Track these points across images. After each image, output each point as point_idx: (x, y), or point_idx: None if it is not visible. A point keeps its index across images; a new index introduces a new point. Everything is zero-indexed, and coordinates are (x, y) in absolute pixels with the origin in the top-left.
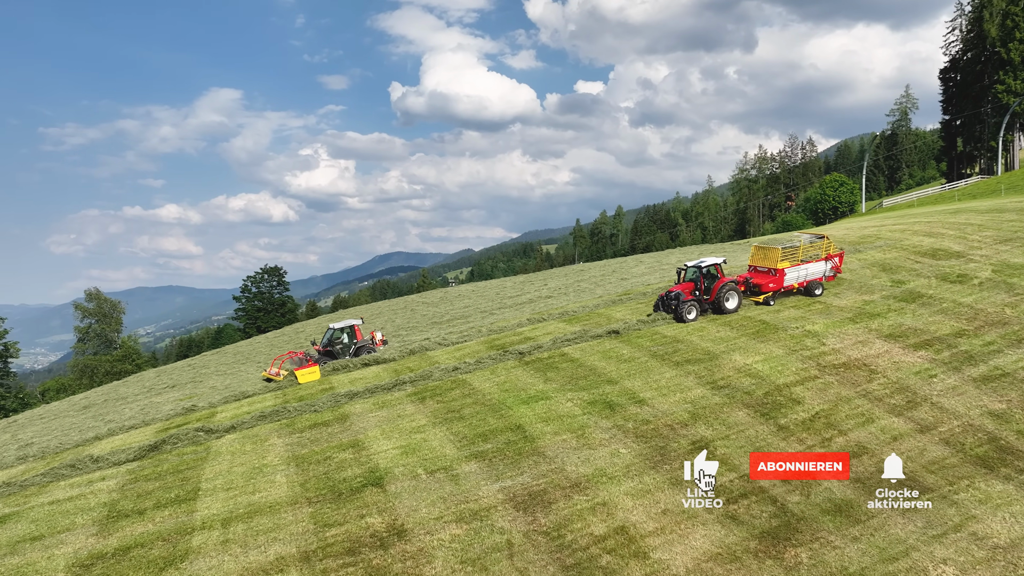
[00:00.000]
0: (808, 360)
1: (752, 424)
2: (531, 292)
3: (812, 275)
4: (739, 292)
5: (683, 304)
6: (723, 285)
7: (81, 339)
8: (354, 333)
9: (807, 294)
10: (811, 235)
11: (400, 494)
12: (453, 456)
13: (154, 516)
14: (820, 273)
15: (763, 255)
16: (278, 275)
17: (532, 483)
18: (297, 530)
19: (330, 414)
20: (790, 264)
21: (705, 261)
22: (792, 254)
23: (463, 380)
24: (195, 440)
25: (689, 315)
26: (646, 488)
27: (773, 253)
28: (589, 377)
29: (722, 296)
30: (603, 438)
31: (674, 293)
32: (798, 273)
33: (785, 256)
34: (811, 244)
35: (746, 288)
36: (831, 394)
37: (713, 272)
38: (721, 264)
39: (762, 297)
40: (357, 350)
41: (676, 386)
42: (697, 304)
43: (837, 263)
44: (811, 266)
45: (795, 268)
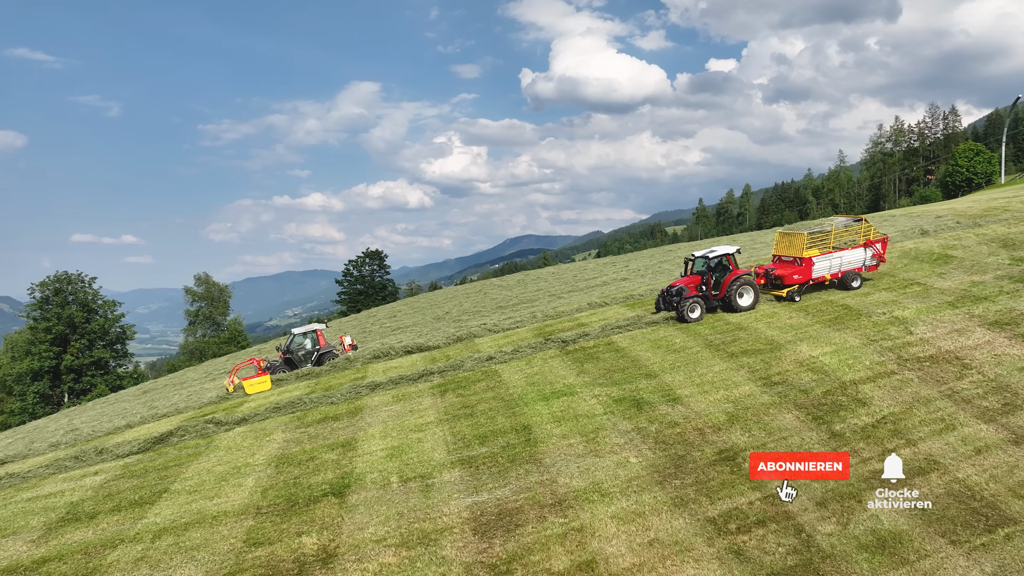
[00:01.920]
0: (887, 352)
1: (799, 430)
2: (609, 274)
3: (848, 264)
4: (755, 287)
5: (685, 301)
6: (735, 279)
7: (192, 322)
8: (317, 339)
9: (842, 287)
10: (848, 219)
11: (357, 507)
12: (439, 461)
13: (102, 522)
14: (858, 262)
15: (788, 242)
16: (379, 259)
17: (510, 498)
18: (222, 548)
19: (345, 407)
20: (819, 252)
21: (716, 251)
22: (822, 240)
23: (493, 371)
24: (203, 432)
25: (692, 314)
26: (640, 510)
27: (799, 240)
28: (628, 370)
29: (733, 291)
30: (617, 443)
31: (676, 288)
32: (830, 263)
33: (812, 243)
34: (846, 228)
35: (767, 281)
36: (907, 394)
37: (724, 263)
38: (734, 254)
39: (785, 291)
40: (320, 357)
41: (722, 381)
42: (702, 301)
43: (879, 250)
44: (846, 254)
45: (825, 257)
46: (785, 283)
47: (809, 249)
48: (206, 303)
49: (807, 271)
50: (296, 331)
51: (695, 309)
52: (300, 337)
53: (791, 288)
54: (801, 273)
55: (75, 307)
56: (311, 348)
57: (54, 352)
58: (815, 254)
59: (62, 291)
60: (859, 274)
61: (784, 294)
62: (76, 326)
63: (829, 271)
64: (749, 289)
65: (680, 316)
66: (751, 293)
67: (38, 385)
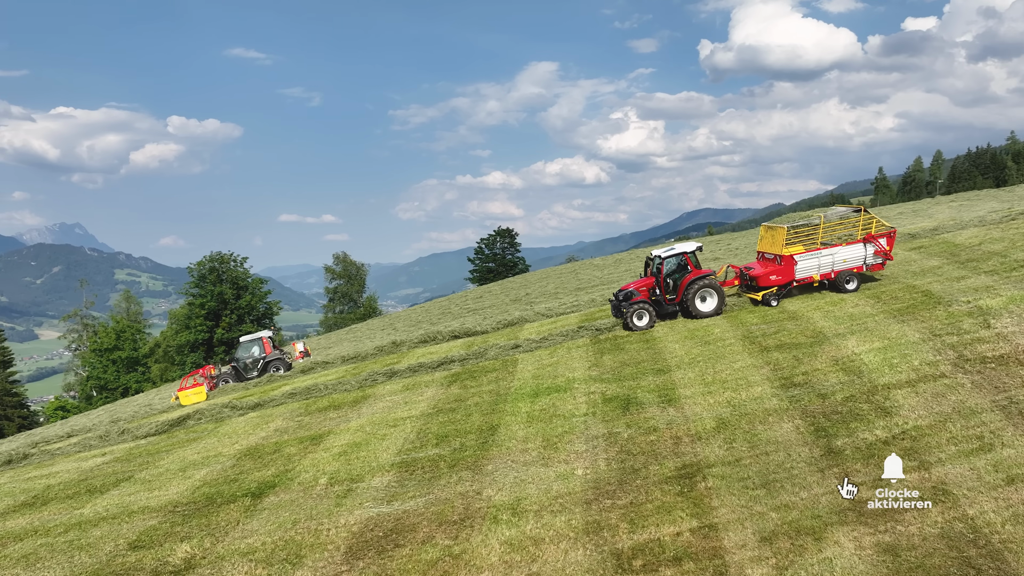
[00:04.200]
0: (947, 350)
1: (790, 444)
2: (706, 254)
3: (843, 263)
4: (719, 289)
5: (632, 307)
6: (693, 281)
7: (331, 299)
8: (263, 347)
9: (835, 289)
10: (847, 208)
11: (260, 512)
12: (382, 463)
13: (44, 510)
14: (856, 261)
15: (772, 238)
16: (509, 236)
17: (416, 511)
18: (106, 549)
19: (353, 395)
20: (804, 249)
21: (675, 249)
22: (808, 235)
23: (512, 360)
24: (217, 417)
25: (639, 321)
26: (542, 535)
27: (780, 235)
28: (643, 363)
29: (691, 295)
30: (576, 451)
31: (624, 292)
32: (818, 261)
33: (796, 238)
34: (841, 221)
35: (743, 282)
36: (948, 403)
37: (683, 263)
38: (693, 252)
39: (760, 294)
40: (265, 365)
41: (735, 381)
42: (651, 307)
43: (884, 246)
44: (840, 251)
45: (811, 255)
46: (760, 285)
47: (791, 245)
48: (344, 281)
49: (788, 271)
50: (244, 339)
51: (642, 316)
52: (247, 345)
53: (767, 291)
54: (781, 273)
55: (227, 285)
56: (259, 356)
57: (207, 326)
58: (798, 251)
59: (216, 270)
60: (856, 275)
61: (759, 297)
62: (227, 302)
63: (818, 271)
64: (711, 292)
65: (625, 324)
66: (714, 297)
67: (194, 356)
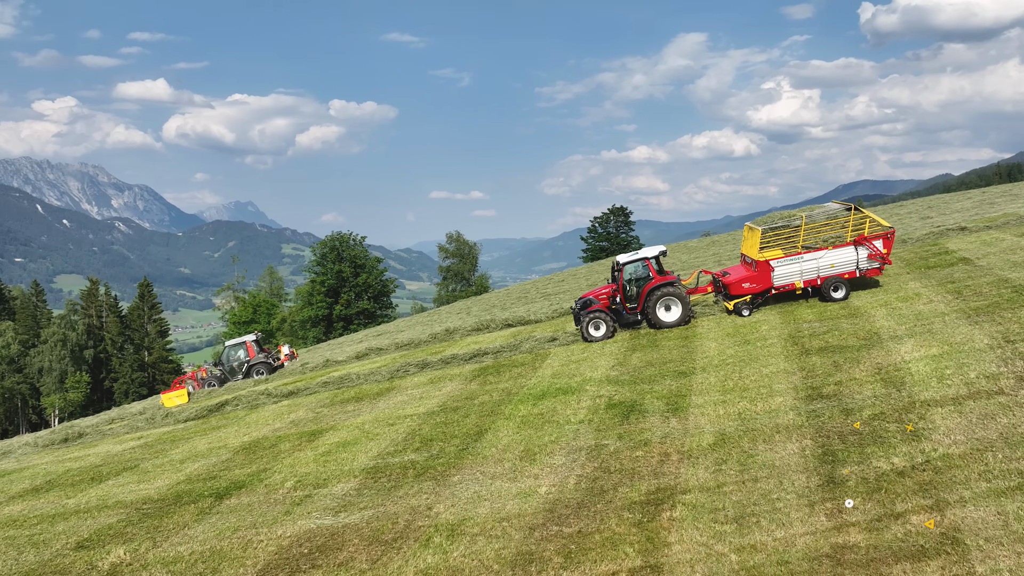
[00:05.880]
0: (1016, 360)
1: (788, 470)
2: None
3: (831, 268)
4: (683, 298)
5: (589, 315)
6: (654, 288)
7: (444, 277)
8: (247, 350)
9: (822, 298)
10: (839, 206)
11: (212, 516)
12: (355, 467)
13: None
14: (847, 265)
15: (752, 240)
16: (624, 215)
17: (354, 526)
18: (55, 546)
19: (379, 386)
20: (783, 253)
21: (637, 254)
22: (788, 238)
23: (543, 355)
24: (253, 404)
25: (595, 331)
26: (461, 567)
27: (756, 237)
28: (669, 363)
29: (652, 304)
30: (552, 464)
31: (583, 300)
32: (800, 267)
33: (772, 241)
34: (828, 221)
35: (718, 289)
36: (995, 428)
37: (644, 270)
38: (656, 258)
39: (732, 303)
40: (249, 369)
41: (757, 389)
42: (608, 317)
43: (879, 249)
44: (827, 254)
45: (791, 260)
46: (731, 293)
47: (767, 249)
48: (457, 260)
49: (764, 278)
50: (228, 343)
51: (599, 326)
52: (231, 349)
53: (739, 300)
54: (755, 280)
55: (346, 264)
56: (243, 359)
57: (327, 303)
58: (776, 256)
59: (336, 249)
60: (845, 281)
61: (731, 307)
62: (346, 280)
63: (801, 277)
64: (675, 301)
65: (582, 334)
66: (678, 305)
67: (315, 331)
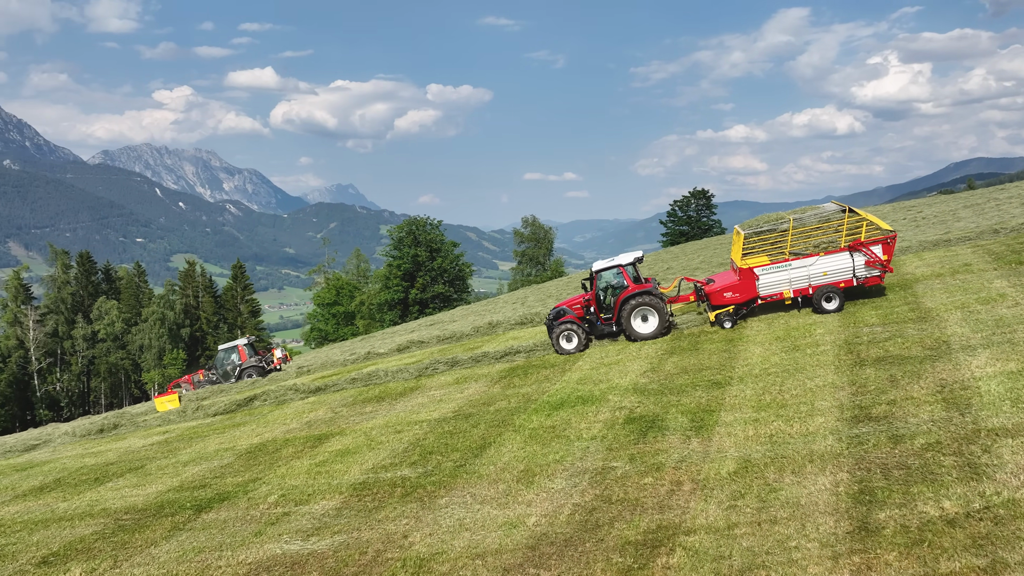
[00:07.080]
0: None
1: (814, 511)
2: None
3: (823, 276)
4: (660, 308)
5: (560, 327)
6: (628, 298)
7: (519, 262)
8: (239, 354)
9: (815, 309)
10: (835, 207)
11: (184, 532)
12: (344, 482)
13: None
14: (842, 273)
15: (737, 245)
16: (705, 198)
17: (320, 554)
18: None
19: (404, 385)
20: (769, 260)
21: (613, 261)
22: (774, 243)
23: (577, 355)
24: (280, 400)
25: (567, 344)
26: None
27: (739, 243)
28: (707, 371)
29: (625, 314)
30: (551, 489)
31: (556, 309)
32: (788, 275)
33: (755, 246)
34: (820, 225)
35: (700, 298)
36: None
37: (619, 278)
38: (631, 266)
39: (714, 314)
40: (240, 373)
41: (797, 406)
42: (580, 329)
43: (878, 255)
44: (819, 261)
45: (777, 267)
46: (713, 304)
47: (751, 256)
48: (532, 244)
49: (748, 287)
50: (221, 347)
51: (571, 338)
52: (224, 353)
53: (720, 311)
54: (738, 290)
55: (422, 248)
56: (236, 363)
57: (403, 287)
58: (761, 263)
59: (413, 233)
60: (839, 291)
61: (713, 317)
62: (421, 264)
63: (790, 286)
64: (651, 311)
65: (554, 347)
66: (655, 316)
67: (391, 314)
